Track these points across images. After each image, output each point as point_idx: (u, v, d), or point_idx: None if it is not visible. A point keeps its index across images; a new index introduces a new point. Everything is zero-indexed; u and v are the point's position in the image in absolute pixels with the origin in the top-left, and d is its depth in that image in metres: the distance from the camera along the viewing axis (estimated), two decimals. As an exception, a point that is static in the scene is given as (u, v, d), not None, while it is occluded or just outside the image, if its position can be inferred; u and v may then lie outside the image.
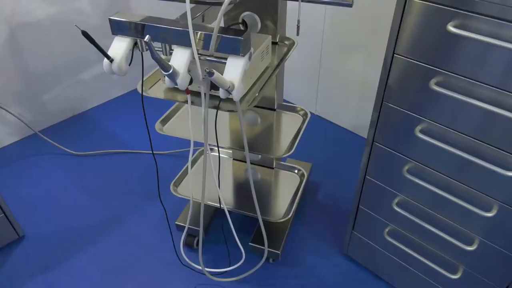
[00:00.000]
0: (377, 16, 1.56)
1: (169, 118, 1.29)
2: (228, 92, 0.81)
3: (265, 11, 1.13)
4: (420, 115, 0.92)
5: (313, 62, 1.89)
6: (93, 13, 1.92)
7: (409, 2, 0.83)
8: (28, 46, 1.76)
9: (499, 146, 0.83)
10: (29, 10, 1.71)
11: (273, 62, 1.11)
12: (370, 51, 1.66)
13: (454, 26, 0.77)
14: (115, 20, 0.85)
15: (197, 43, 0.83)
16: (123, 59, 0.85)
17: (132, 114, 2.08)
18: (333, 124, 1.99)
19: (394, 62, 0.91)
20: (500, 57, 0.75)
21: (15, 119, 1.85)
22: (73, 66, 1.95)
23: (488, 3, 0.72)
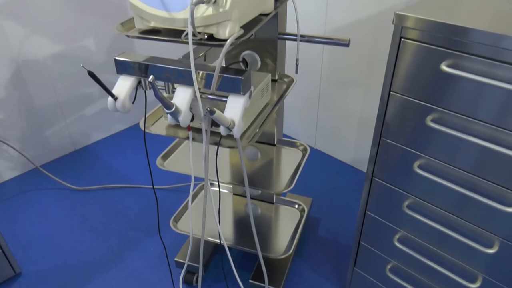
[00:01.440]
0: (373, 54, 1.61)
1: (170, 153, 1.30)
2: (229, 129, 0.83)
3: (265, 50, 1.17)
4: (418, 151, 0.94)
5: (312, 98, 1.93)
6: (98, 51, 1.97)
7: (403, 42, 0.86)
8: (33, 83, 1.81)
9: (498, 182, 0.83)
10: (36, 48, 1.76)
11: (273, 99, 1.13)
12: (367, 88, 1.70)
13: (447, 66, 0.80)
14: (120, 60, 0.87)
15: (199, 82, 0.85)
16: (127, 97, 0.87)
17: (133, 148, 2.09)
18: (332, 158, 2.00)
19: (391, 99, 0.93)
20: (494, 96, 0.77)
21: (17, 153, 1.86)
22: (77, 102, 1.99)
23: (479, 44, 0.75)
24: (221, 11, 0.75)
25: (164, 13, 0.78)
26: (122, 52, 2.04)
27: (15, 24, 1.67)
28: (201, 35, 0.79)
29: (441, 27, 0.78)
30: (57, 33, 1.80)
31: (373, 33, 1.57)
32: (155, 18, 0.80)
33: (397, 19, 0.84)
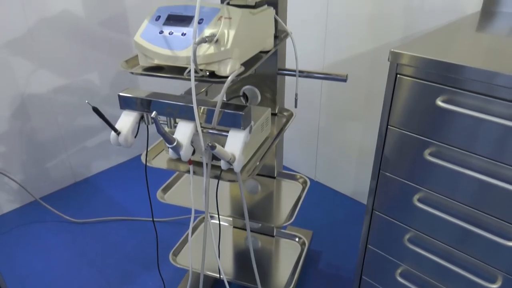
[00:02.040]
0: (370, 88, 1.64)
1: (171, 186, 1.31)
2: (229, 163, 0.84)
3: (265, 84, 1.20)
4: (417, 184, 0.94)
5: (312, 130, 1.95)
6: (102, 84, 2.02)
7: (399, 78, 0.88)
8: (37, 116, 1.83)
9: (498, 216, 0.83)
10: (41, 83, 1.80)
11: (272, 133, 1.15)
12: (366, 120, 1.72)
13: (443, 101, 0.82)
14: (124, 96, 0.90)
15: (200, 116, 0.87)
16: (129, 132, 0.88)
17: (134, 180, 2.09)
18: (333, 190, 2.00)
19: (389, 133, 0.95)
20: (491, 130, 0.78)
21: (17, 186, 1.87)
22: (79, 134, 2.01)
23: (473, 81, 0.77)
24: (222, 50, 0.78)
25: (168, 51, 0.81)
26: (125, 88, 2.09)
27: (22, 60, 1.71)
28: (203, 72, 0.82)
29: (435, 64, 0.80)
30: (62, 68, 1.84)
31: (370, 68, 1.61)
32: (159, 56, 0.82)
33: (392, 56, 0.87)
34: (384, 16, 1.48)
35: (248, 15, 0.84)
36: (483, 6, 1.21)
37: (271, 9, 0.97)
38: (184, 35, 0.81)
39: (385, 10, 1.47)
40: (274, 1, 1.08)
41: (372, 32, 1.54)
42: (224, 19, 0.80)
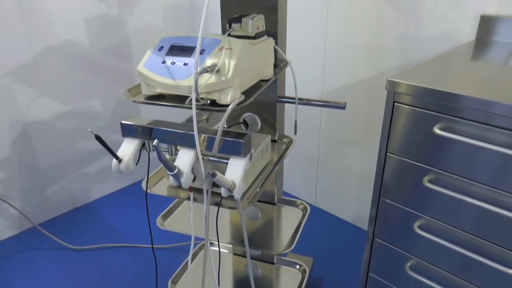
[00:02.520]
0: (369, 114, 1.66)
1: (170, 212, 1.31)
2: (229, 191, 0.84)
3: (264, 111, 1.21)
4: (417, 211, 0.94)
5: (312, 156, 1.96)
6: (104, 111, 2.04)
7: (396, 106, 0.90)
8: (38, 142, 1.85)
9: (501, 244, 0.83)
10: (44, 109, 1.82)
11: (272, 159, 1.16)
12: (365, 146, 1.73)
13: (440, 129, 0.83)
14: (126, 124, 0.91)
15: (201, 144, 0.88)
16: (130, 159, 0.89)
17: (133, 206, 2.09)
18: (333, 216, 1.98)
19: (388, 160, 0.96)
20: (490, 158, 0.79)
21: (16, 212, 1.86)
22: (79, 160, 2.02)
23: (470, 109, 0.78)
24: (223, 79, 0.80)
25: (170, 80, 0.83)
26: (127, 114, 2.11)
27: (26, 87, 1.74)
28: (204, 100, 0.83)
29: (432, 93, 0.82)
30: (65, 95, 1.87)
31: (368, 95, 1.63)
32: (161, 85, 0.84)
33: (389, 85, 0.89)
34: (381, 45, 1.52)
35: (249, 46, 0.87)
36: (477, 36, 1.24)
37: (270, 39, 1.00)
38: (186, 65, 0.83)
39: (381, 39, 1.51)
40: (274, 32, 1.11)
41: (370, 60, 1.57)
42: (225, 49, 0.83)
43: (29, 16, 1.67)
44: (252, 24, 0.92)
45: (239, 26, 0.93)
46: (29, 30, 1.68)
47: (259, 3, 1.10)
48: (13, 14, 1.62)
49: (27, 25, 1.67)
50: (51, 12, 1.72)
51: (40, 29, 1.71)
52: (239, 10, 1.12)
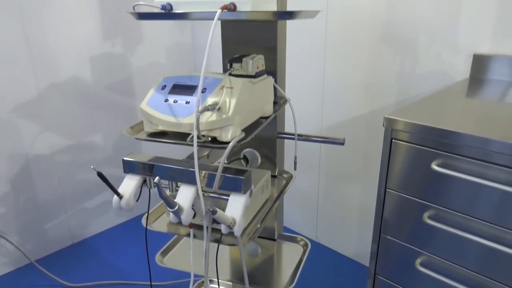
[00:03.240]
0: (368, 149, 1.68)
1: (170, 249, 1.29)
2: (229, 227, 0.84)
3: (264, 147, 1.23)
4: (418, 248, 0.94)
5: (312, 191, 1.96)
6: (105, 146, 2.06)
7: (394, 143, 0.91)
8: (39, 177, 1.85)
9: (504, 282, 0.82)
10: (47, 144, 1.84)
11: (272, 195, 1.16)
12: (365, 181, 1.74)
13: (438, 165, 0.84)
14: (128, 160, 0.92)
15: (201, 180, 0.89)
16: (131, 196, 0.90)
17: (132, 242, 2.06)
18: (334, 252, 1.96)
19: (387, 196, 0.96)
20: (490, 195, 0.79)
21: (13, 247, 1.84)
22: (79, 195, 2.01)
23: (467, 146, 0.80)
24: (224, 117, 0.82)
25: (172, 118, 0.85)
26: (128, 149, 2.13)
27: (30, 122, 1.77)
28: (205, 137, 0.85)
29: (429, 130, 0.84)
30: (68, 130, 1.89)
31: (367, 130, 1.66)
32: (163, 123, 0.86)
33: (387, 122, 0.90)
34: (377, 83, 1.56)
35: (249, 85, 0.89)
36: (471, 74, 1.28)
37: (270, 78, 1.03)
38: (188, 103, 0.85)
39: (378, 77, 1.55)
40: (274, 70, 1.14)
41: (367, 97, 1.61)
42: (226, 88, 0.85)
43: (36, 53, 1.72)
44: (252, 64, 0.95)
45: (239, 65, 0.96)
46: (35, 67, 1.73)
47: (259, 43, 1.14)
48: (20, 51, 1.67)
49: (33, 62, 1.72)
50: (57, 49, 1.78)
51: (46, 66, 1.76)
52: (239, 49, 1.16)
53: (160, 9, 0.84)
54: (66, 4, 1.76)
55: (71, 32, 1.80)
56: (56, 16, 1.74)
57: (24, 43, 1.68)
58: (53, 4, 1.72)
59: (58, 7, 1.74)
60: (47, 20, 1.72)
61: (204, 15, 0.82)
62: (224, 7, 0.78)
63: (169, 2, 0.85)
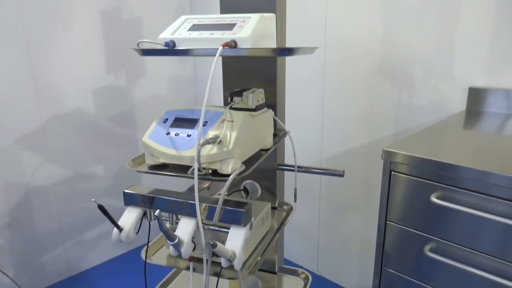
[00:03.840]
0: (368, 179, 1.68)
1: (169, 282, 1.27)
2: (229, 261, 0.84)
3: (264, 179, 1.23)
4: (421, 282, 0.92)
5: (312, 222, 1.95)
6: (105, 177, 2.06)
7: (393, 175, 0.92)
8: (39, 208, 1.84)
9: (506, 316, 0.81)
10: (47, 175, 1.84)
11: (273, 227, 1.15)
12: (366, 211, 1.73)
13: (437, 198, 0.85)
14: (129, 193, 0.93)
15: (202, 212, 0.89)
16: (131, 229, 0.90)
17: (130, 275, 2.03)
18: (335, 285, 1.92)
19: (388, 229, 0.96)
20: (491, 228, 0.79)
21: (9, 280, 1.80)
22: (77, 226, 2.00)
23: (467, 179, 0.80)
24: (224, 150, 0.83)
25: (173, 151, 0.86)
26: (127, 180, 2.13)
27: (31, 153, 1.78)
28: (206, 170, 0.85)
29: (428, 163, 0.84)
30: (69, 161, 1.90)
31: (366, 161, 1.67)
32: (165, 156, 0.87)
33: (385, 155, 0.91)
34: (376, 113, 1.58)
35: (249, 118, 0.91)
36: (468, 106, 1.30)
37: (270, 111, 1.05)
38: (189, 136, 0.86)
39: (376, 108, 1.57)
40: (273, 103, 1.17)
41: (366, 127, 1.63)
42: (227, 121, 0.87)
43: (40, 85, 1.75)
44: (252, 98, 0.97)
45: (240, 99, 0.98)
46: (39, 98, 1.76)
47: (259, 77, 1.17)
48: (26, 83, 1.71)
49: (37, 94, 1.75)
50: (61, 81, 1.81)
51: (50, 97, 1.79)
52: (240, 82, 1.19)
53: (163, 46, 0.87)
54: (72, 39, 1.81)
55: (76, 65, 1.84)
56: (61, 50, 1.79)
57: (30, 76, 1.71)
58: (59, 39, 1.77)
59: (64, 42, 1.79)
60: (52, 53, 1.77)
61: (206, 52, 0.85)
62: (226, 44, 0.81)
63: (172, 39, 0.88)
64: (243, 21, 0.88)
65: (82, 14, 1.82)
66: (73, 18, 1.80)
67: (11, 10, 1.62)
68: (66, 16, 1.78)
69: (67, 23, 1.78)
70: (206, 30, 0.89)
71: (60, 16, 1.76)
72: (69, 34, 1.80)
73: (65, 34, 1.79)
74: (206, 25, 0.91)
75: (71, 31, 1.80)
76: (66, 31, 1.79)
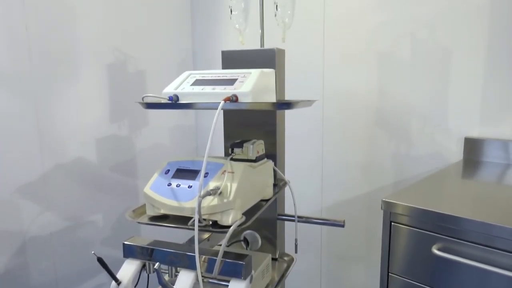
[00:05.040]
0: (369, 229, 1.67)
1: None
2: (229, 316, 0.81)
3: (265, 229, 1.22)
4: None
5: (314, 273, 1.90)
6: (104, 226, 2.04)
7: (394, 226, 0.92)
8: (34, 258, 1.81)
9: None
10: (46, 225, 1.82)
11: (273, 279, 1.13)
12: (368, 262, 1.70)
13: (439, 249, 0.84)
14: (128, 245, 0.92)
15: (201, 265, 0.88)
16: (130, 282, 0.88)
17: (125, 330, 1.94)
18: None
19: (390, 281, 0.94)
20: (494, 281, 0.78)
21: (0, 337, 1.73)
22: (74, 278, 1.95)
23: (468, 231, 0.80)
24: (225, 201, 0.84)
25: (174, 202, 0.86)
26: (126, 230, 2.10)
27: (31, 203, 1.77)
28: (206, 221, 0.86)
29: (428, 214, 0.85)
30: (68, 211, 1.89)
31: (366, 211, 1.66)
32: (165, 207, 0.88)
33: (385, 205, 0.92)
34: (375, 163, 1.60)
35: (249, 169, 0.93)
36: (465, 156, 1.32)
37: (270, 161, 1.07)
38: (190, 188, 0.87)
39: (375, 158, 1.59)
40: (273, 153, 1.19)
41: (365, 177, 1.64)
42: (228, 173, 0.88)
43: (44, 135, 1.78)
44: (252, 149, 1.00)
45: (241, 150, 1.00)
46: (42, 149, 1.78)
47: (259, 128, 1.20)
48: (30, 134, 1.74)
49: (41, 143, 1.78)
50: (65, 131, 1.85)
51: (52, 147, 1.81)
52: (240, 132, 1.22)
53: (167, 100, 0.91)
54: (78, 90, 1.87)
55: (80, 115, 1.89)
56: (67, 100, 1.84)
57: (36, 126, 1.75)
58: (65, 89, 1.83)
59: (70, 92, 1.85)
60: (58, 104, 1.82)
61: (208, 105, 0.88)
62: (227, 99, 0.84)
63: (176, 93, 0.91)
64: (244, 77, 0.92)
65: (90, 66, 1.90)
66: (80, 70, 1.87)
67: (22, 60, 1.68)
68: (74, 68, 1.85)
69: (75, 74, 1.85)
70: (208, 85, 0.93)
71: (68, 68, 1.83)
72: (75, 85, 1.86)
73: (72, 85, 1.85)
74: (208, 80, 0.95)
75: (78, 82, 1.87)
76: (73, 82, 1.85)
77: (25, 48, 1.69)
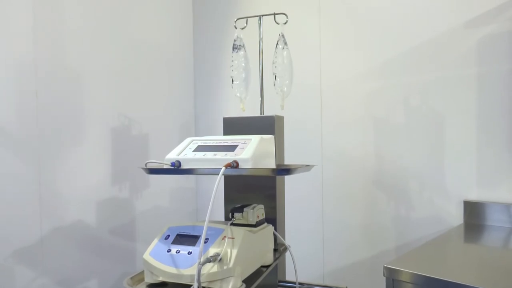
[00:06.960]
0: (374, 296, 1.61)
1: None
2: None
3: (265, 297, 1.19)
4: None
5: None
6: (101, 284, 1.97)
7: None
8: (24, 329, 1.72)
9: None
10: None
11: None
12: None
13: (446, 320, 0.81)
14: (125, 314, 0.89)
15: (200, 337, 0.84)
16: None
17: None
18: None
19: None
20: None
21: None
22: None
23: None
24: (225, 268, 0.83)
25: (174, 269, 0.85)
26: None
27: (26, 268, 1.73)
28: (206, 289, 0.84)
29: (434, 282, 0.83)
30: (64, 275, 1.84)
31: (368, 275, 1.61)
32: (164, 274, 0.86)
33: (387, 272, 0.90)
34: (375, 226, 1.58)
35: (249, 235, 0.92)
36: (465, 219, 1.32)
37: (270, 226, 1.07)
38: (190, 254, 0.87)
39: (375, 221, 1.58)
40: (273, 217, 1.18)
41: (366, 240, 1.62)
42: (228, 238, 0.88)
43: (45, 198, 1.79)
44: (253, 214, 1.00)
45: (241, 215, 1.01)
46: (42, 211, 1.77)
47: (259, 192, 1.21)
48: (32, 197, 1.74)
49: (41, 206, 1.77)
50: (66, 194, 1.85)
51: (52, 210, 1.81)
52: (240, 196, 1.23)
53: (169, 166, 0.93)
54: (81, 152, 1.90)
55: (82, 178, 1.91)
56: (70, 163, 1.87)
57: (37, 189, 1.76)
58: (69, 152, 1.86)
59: (73, 155, 1.88)
60: (61, 167, 1.84)
61: (209, 171, 0.90)
62: (228, 165, 0.87)
63: (178, 159, 0.94)
64: (244, 143, 0.95)
65: (94, 130, 1.95)
66: (85, 134, 1.92)
67: (30, 124, 1.73)
68: (79, 132, 1.90)
69: (79, 138, 1.90)
70: (210, 151, 0.95)
71: (73, 132, 1.88)
72: (80, 148, 1.89)
73: (76, 148, 1.89)
74: (210, 146, 0.98)
75: (82, 146, 1.91)
76: (77, 145, 1.89)
77: (33, 113, 1.75)
